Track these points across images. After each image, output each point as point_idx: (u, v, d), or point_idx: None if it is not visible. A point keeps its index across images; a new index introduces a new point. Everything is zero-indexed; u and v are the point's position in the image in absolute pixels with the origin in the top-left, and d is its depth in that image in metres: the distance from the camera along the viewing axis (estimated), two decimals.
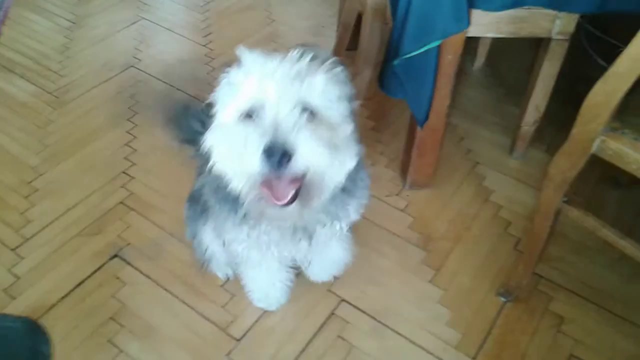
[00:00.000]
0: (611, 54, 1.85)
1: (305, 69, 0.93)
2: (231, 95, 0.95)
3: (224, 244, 1.34)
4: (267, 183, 0.93)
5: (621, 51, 1.04)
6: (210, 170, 1.01)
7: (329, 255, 1.46)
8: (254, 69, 0.93)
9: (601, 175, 1.79)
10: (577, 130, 1.15)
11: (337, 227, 1.20)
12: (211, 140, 0.99)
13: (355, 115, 1.03)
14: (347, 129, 0.98)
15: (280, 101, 0.90)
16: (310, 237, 1.17)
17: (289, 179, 0.91)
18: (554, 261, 1.59)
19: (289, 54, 0.94)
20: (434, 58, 1.43)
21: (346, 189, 1.10)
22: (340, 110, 0.97)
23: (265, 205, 0.96)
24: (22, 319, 0.73)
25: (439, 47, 1.41)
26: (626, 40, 1.04)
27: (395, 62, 1.42)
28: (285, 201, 0.94)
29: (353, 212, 1.21)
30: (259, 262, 1.33)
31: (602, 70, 1.09)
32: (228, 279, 1.53)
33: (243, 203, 1.01)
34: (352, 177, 1.07)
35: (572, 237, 1.64)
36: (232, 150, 0.93)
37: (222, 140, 0.96)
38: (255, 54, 0.96)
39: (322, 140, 0.91)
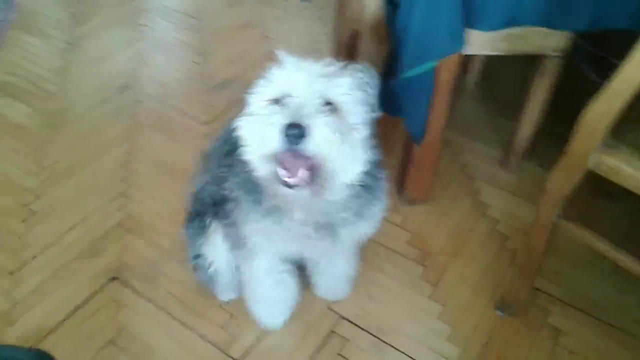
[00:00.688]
0: (604, 68, 1.88)
1: (334, 71, 1.02)
2: (265, 87, 1.04)
3: (232, 246, 1.34)
4: (282, 162, 0.99)
5: (615, 66, 1.06)
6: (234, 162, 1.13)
7: (336, 269, 1.47)
8: (288, 65, 1.03)
9: (594, 187, 1.80)
10: (573, 146, 1.16)
11: (362, 231, 1.23)
12: (241, 124, 1.05)
13: (373, 125, 1.10)
14: (363, 131, 1.05)
15: (306, 91, 0.98)
16: (333, 236, 1.18)
17: (301, 157, 0.97)
18: (550, 274, 1.60)
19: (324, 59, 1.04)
20: (431, 77, 1.44)
21: (369, 188, 1.14)
22: (361, 113, 1.04)
23: (279, 186, 1.02)
24: (34, 350, 0.73)
25: (435, 66, 1.42)
26: (618, 55, 1.06)
27: (393, 82, 1.43)
28: (295, 180, 1.00)
29: (377, 212, 1.23)
30: (272, 259, 1.34)
31: (594, 85, 1.10)
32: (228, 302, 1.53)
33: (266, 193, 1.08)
34: (373, 177, 1.14)
35: (567, 251, 1.65)
36: (257, 130, 1.00)
37: (251, 123, 1.03)
38: (293, 56, 1.05)
39: (337, 132, 0.97)
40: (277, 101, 1.01)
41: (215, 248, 1.39)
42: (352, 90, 1.03)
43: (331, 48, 2.34)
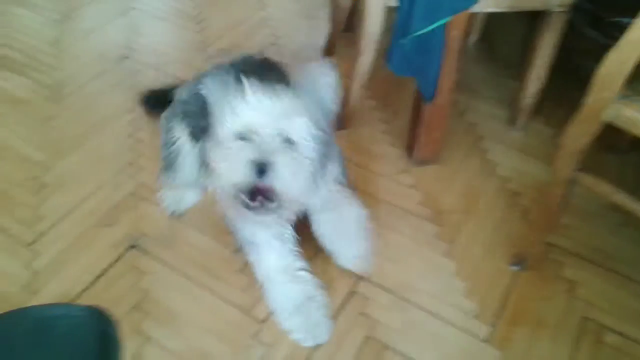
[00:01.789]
0: (602, 26, 1.89)
1: (292, 109, 1.20)
2: (231, 119, 1.21)
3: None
4: (249, 193, 1.21)
5: (613, 23, 1.07)
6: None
7: (344, 216, 1.48)
8: (252, 101, 1.20)
9: (600, 142, 1.83)
10: (590, 99, 1.18)
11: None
12: (215, 155, 1.25)
13: (334, 138, 1.34)
14: (316, 160, 1.25)
15: (267, 130, 1.18)
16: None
17: (266, 187, 1.19)
18: (563, 229, 1.63)
19: (281, 94, 1.21)
20: (442, 35, 1.45)
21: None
22: (314, 146, 1.23)
23: (241, 207, 1.24)
24: (86, 306, 0.75)
25: (446, 23, 1.42)
26: (616, 12, 1.07)
27: (404, 40, 1.43)
28: (255, 204, 1.22)
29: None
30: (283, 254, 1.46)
31: (594, 42, 1.12)
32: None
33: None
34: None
35: (577, 205, 1.68)
36: (226, 162, 1.20)
37: (222, 155, 1.22)
38: (255, 89, 1.21)
39: (294, 161, 1.19)
40: (243, 137, 1.20)
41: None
42: (305, 127, 1.21)
43: (328, 13, 2.33)
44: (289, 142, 1.21)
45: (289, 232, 1.48)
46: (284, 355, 1.37)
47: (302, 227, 1.53)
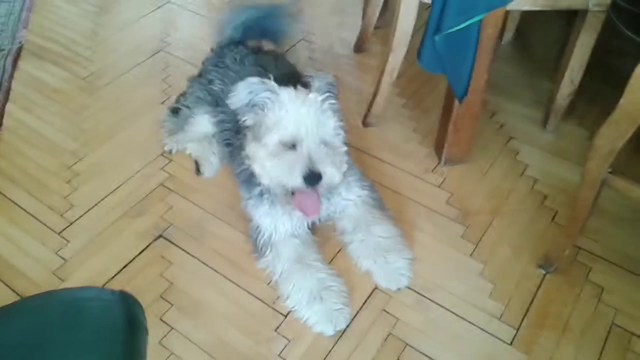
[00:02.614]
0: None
1: (323, 114, 1.36)
2: (274, 126, 1.35)
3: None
4: (299, 194, 1.38)
5: None
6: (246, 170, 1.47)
7: (378, 235, 1.52)
8: (291, 109, 1.34)
9: (633, 144, 1.79)
10: (626, 99, 1.15)
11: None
12: (260, 155, 1.38)
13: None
14: (343, 148, 1.43)
15: (310, 140, 1.33)
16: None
17: (317, 193, 1.38)
18: (591, 232, 1.60)
19: (313, 97, 1.36)
20: (476, 32, 1.43)
21: None
22: (340, 138, 1.41)
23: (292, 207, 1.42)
24: (117, 291, 0.77)
25: (479, 21, 1.41)
26: None
27: (437, 37, 1.42)
28: (317, 215, 1.45)
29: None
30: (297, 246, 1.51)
31: (631, 42, 1.09)
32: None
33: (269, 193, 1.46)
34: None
35: (608, 209, 1.65)
36: (277, 168, 1.35)
37: (269, 159, 1.36)
38: (288, 92, 1.37)
39: (334, 162, 1.37)
40: (288, 145, 1.34)
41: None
42: (335, 126, 1.38)
43: (361, 9, 2.32)
44: (326, 143, 1.36)
45: (306, 231, 1.53)
46: (305, 348, 1.37)
47: (322, 229, 1.56)
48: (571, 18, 1.68)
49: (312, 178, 1.31)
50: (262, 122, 1.38)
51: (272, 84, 1.38)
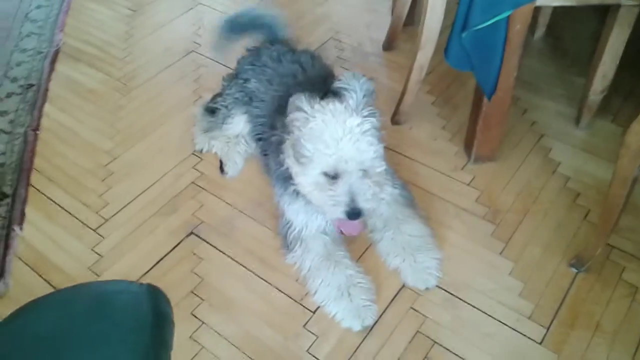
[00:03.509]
0: None
1: (364, 139, 1.32)
2: (315, 154, 1.32)
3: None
4: (340, 222, 1.42)
5: None
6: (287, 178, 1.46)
7: (407, 233, 1.53)
8: (332, 138, 1.30)
9: None
10: None
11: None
12: (302, 182, 1.38)
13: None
14: (382, 167, 1.39)
15: (352, 173, 1.32)
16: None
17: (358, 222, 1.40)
18: (624, 231, 1.57)
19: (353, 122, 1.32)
20: (504, 29, 1.42)
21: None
22: (380, 163, 1.37)
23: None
24: (144, 284, 0.80)
25: (507, 17, 1.40)
26: None
27: (464, 34, 1.42)
28: (356, 234, 1.47)
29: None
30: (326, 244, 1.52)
31: None
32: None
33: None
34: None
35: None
36: (319, 201, 1.37)
37: (311, 188, 1.37)
38: (329, 116, 1.32)
39: (375, 193, 1.36)
40: (333, 175, 1.33)
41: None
42: (375, 155, 1.34)
43: (390, 7, 2.32)
44: (367, 169, 1.35)
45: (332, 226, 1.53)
46: (333, 344, 1.39)
47: None
48: (605, 13, 1.65)
49: (354, 214, 1.33)
50: (301, 141, 1.34)
51: (316, 106, 1.33)
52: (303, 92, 1.36)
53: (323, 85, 1.47)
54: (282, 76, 1.65)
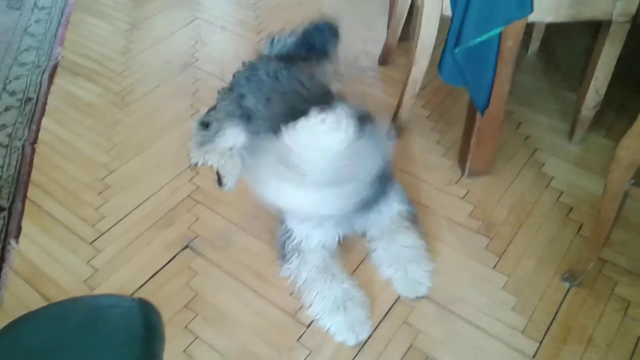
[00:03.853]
0: None
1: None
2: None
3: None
4: None
5: None
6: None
7: (401, 243, 1.54)
8: None
9: None
10: None
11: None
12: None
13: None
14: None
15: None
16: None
17: None
18: (617, 245, 1.58)
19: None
20: (496, 44, 1.44)
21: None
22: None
23: None
24: (136, 298, 0.81)
25: (500, 33, 1.42)
26: None
27: (456, 50, 1.43)
28: None
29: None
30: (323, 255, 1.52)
31: None
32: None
33: None
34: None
35: (633, 221, 1.63)
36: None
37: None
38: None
39: None
40: None
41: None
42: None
43: (385, 22, 2.34)
44: None
45: (336, 243, 1.54)
46: (327, 359, 1.39)
47: (349, 237, 1.57)
48: (598, 29, 1.67)
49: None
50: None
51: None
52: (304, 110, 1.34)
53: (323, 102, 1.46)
54: (282, 93, 1.64)
